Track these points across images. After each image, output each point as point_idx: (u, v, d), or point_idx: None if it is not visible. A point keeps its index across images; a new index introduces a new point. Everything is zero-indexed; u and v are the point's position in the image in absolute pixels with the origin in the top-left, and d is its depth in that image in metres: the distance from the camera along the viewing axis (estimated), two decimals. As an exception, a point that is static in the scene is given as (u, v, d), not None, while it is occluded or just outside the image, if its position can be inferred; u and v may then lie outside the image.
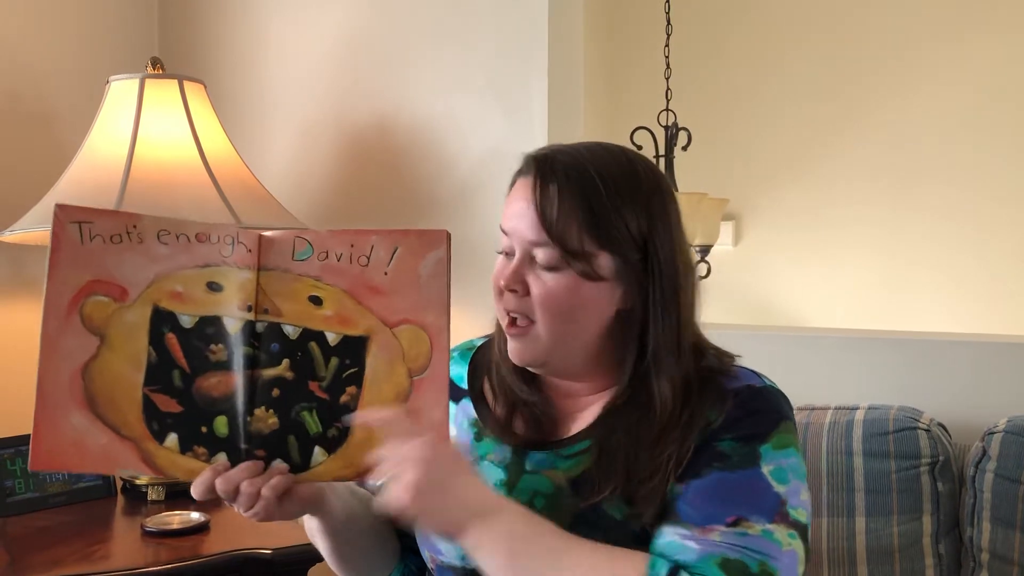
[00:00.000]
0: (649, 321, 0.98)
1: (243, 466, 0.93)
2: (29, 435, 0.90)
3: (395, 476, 0.88)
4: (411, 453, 0.88)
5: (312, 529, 1.08)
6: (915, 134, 3.34)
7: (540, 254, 0.97)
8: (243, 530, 1.59)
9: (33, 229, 1.70)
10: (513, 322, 1.00)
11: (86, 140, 1.78)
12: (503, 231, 1.01)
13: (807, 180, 3.52)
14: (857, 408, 1.61)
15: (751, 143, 3.58)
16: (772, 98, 3.55)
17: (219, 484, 0.91)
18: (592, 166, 0.97)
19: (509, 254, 1.00)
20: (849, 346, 1.82)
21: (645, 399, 0.98)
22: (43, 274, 0.93)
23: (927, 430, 1.55)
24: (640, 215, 0.97)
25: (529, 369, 1.04)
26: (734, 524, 0.89)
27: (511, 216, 0.99)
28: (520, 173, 1.01)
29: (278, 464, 0.94)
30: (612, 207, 0.96)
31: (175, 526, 1.59)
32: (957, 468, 1.57)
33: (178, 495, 1.77)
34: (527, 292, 0.98)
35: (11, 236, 1.75)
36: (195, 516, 1.62)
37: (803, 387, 1.72)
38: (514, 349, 1.01)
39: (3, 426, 1.72)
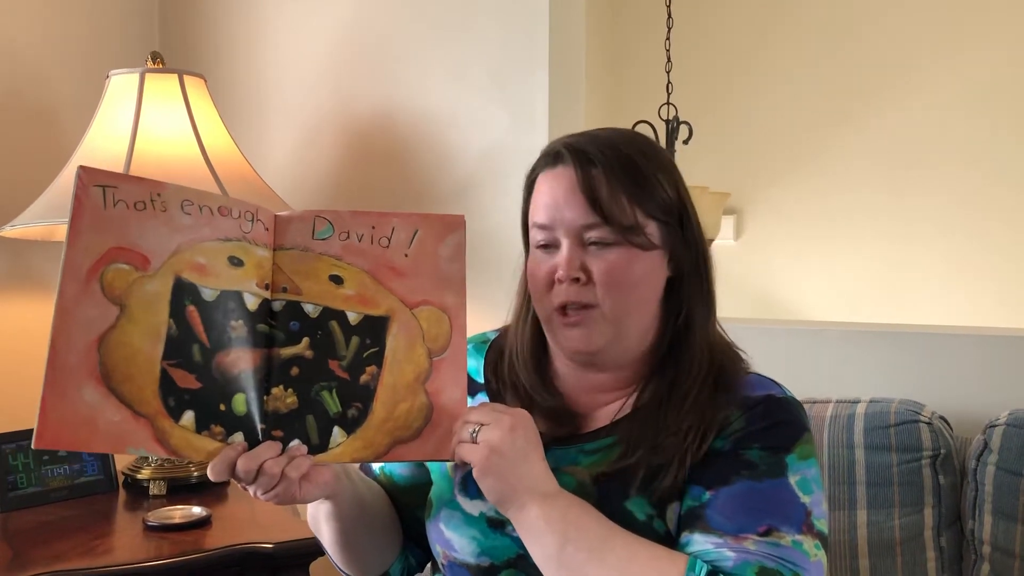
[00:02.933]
0: (684, 285, 1.02)
1: (266, 445, 0.91)
2: (31, 430, 0.84)
3: (481, 431, 0.91)
4: (501, 417, 0.91)
5: (318, 515, 1.07)
6: (917, 126, 3.33)
7: (594, 235, 0.98)
8: (245, 524, 1.60)
9: (34, 224, 1.69)
10: (564, 311, 0.99)
11: (86, 134, 1.77)
12: (539, 226, 1.01)
13: (809, 174, 3.52)
14: (859, 401, 1.61)
15: (752, 137, 3.58)
16: (773, 91, 3.55)
17: (242, 463, 0.89)
18: (621, 144, 1.00)
19: (551, 246, 1.00)
20: (851, 339, 1.82)
21: (674, 365, 1.00)
22: (62, 246, 0.88)
23: (928, 423, 1.55)
24: (670, 183, 1.01)
25: (580, 361, 1.03)
26: (766, 534, 0.91)
27: (549, 207, 1.00)
28: (545, 166, 1.02)
29: (296, 444, 0.93)
30: (651, 177, 0.99)
31: (177, 520, 1.59)
32: (958, 461, 1.57)
33: (180, 490, 1.77)
34: (589, 278, 0.98)
35: (11, 231, 1.75)
36: (197, 510, 1.62)
37: (805, 380, 1.72)
38: (576, 337, 0.99)
39: (5, 420, 1.72)
